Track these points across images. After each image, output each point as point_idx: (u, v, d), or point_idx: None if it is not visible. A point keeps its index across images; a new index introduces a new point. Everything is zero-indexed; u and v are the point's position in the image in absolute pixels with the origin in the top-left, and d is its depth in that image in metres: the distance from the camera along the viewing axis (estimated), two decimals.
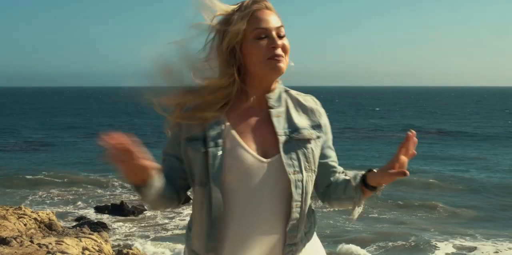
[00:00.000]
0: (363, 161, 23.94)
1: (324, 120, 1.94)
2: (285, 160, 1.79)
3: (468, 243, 12.87)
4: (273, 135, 1.82)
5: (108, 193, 18.31)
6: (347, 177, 1.90)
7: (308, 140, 1.84)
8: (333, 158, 1.96)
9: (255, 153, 1.79)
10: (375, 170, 1.78)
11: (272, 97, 1.87)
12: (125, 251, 7.38)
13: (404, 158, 1.73)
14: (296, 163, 1.80)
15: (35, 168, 22.58)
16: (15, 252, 5.21)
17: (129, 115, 57.38)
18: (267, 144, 1.82)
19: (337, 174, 1.94)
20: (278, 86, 1.90)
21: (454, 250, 12.47)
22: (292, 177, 1.78)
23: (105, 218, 15.08)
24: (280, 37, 1.82)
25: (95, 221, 14.28)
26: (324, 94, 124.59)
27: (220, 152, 1.77)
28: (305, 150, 1.83)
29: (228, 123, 1.82)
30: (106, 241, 6.53)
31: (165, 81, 1.86)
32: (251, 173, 1.78)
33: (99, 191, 18.58)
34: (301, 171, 1.80)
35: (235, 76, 1.81)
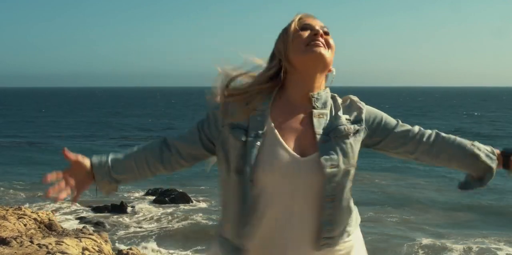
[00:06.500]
0: (363, 161, 23.90)
1: (364, 113, 1.96)
2: (322, 158, 1.81)
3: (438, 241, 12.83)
4: (312, 135, 1.85)
5: None
6: (464, 144, 1.98)
7: (346, 136, 1.87)
8: (401, 127, 1.98)
9: (292, 151, 1.82)
10: None
11: (318, 97, 1.90)
12: (125, 251, 7.40)
13: None
14: (334, 158, 1.82)
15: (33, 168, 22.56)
16: (15, 252, 5.22)
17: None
18: (306, 143, 1.85)
19: (421, 131, 1.98)
20: (326, 91, 1.94)
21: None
22: (328, 170, 1.80)
23: (105, 218, 15.09)
24: (325, 33, 1.89)
25: (95, 221, 14.30)
26: None
27: (259, 143, 1.81)
28: (343, 146, 1.85)
29: (270, 119, 1.87)
30: (106, 241, 6.54)
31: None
32: (286, 171, 1.81)
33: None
34: (338, 166, 1.82)
35: (280, 64, 1.89)
